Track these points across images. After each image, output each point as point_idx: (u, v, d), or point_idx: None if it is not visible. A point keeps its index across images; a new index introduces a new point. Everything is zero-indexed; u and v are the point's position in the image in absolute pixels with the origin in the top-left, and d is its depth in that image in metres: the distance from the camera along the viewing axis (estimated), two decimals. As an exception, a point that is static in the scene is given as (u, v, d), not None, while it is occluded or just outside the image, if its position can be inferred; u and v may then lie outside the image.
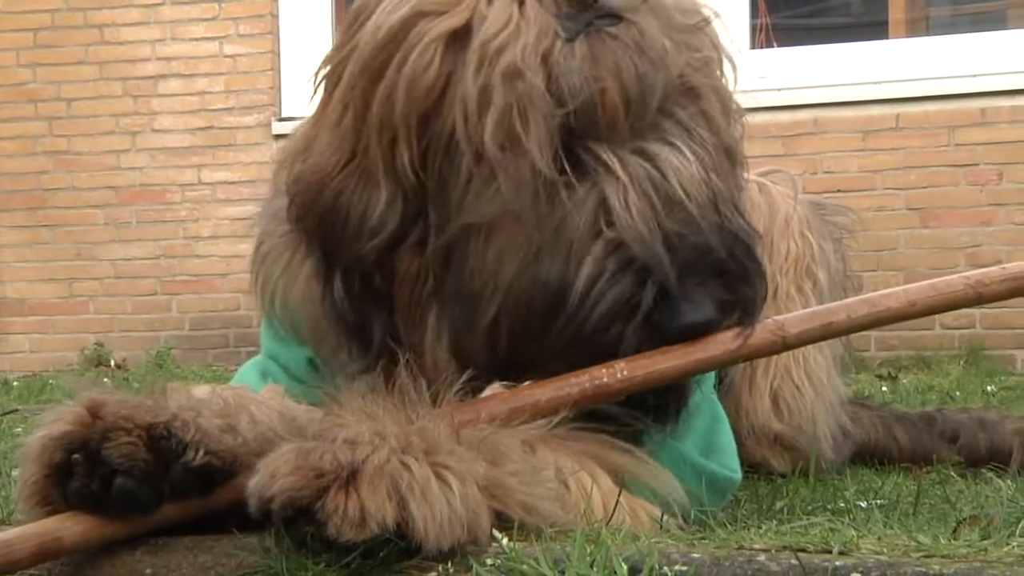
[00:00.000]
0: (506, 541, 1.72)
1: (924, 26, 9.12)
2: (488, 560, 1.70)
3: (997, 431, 3.66)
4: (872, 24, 9.12)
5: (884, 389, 5.74)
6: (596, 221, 2.06)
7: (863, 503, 2.62)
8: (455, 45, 2.11)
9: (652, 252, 2.01)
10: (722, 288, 2.08)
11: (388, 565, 1.69)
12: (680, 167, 2.08)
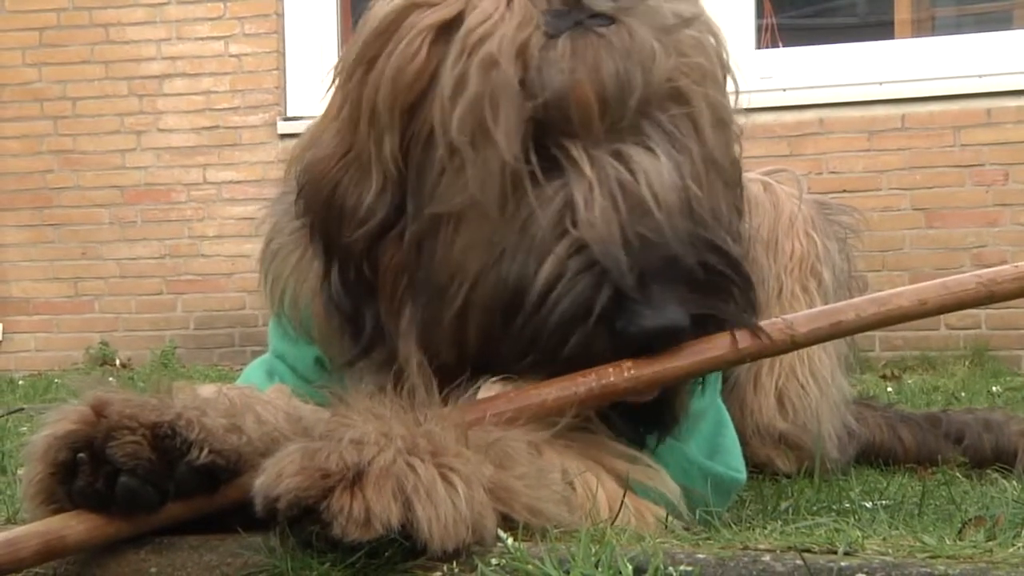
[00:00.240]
0: (511, 541, 1.72)
1: (930, 26, 9.11)
2: (493, 560, 1.70)
3: (1002, 432, 3.66)
4: (878, 24, 9.11)
5: (889, 389, 5.73)
6: (562, 220, 2.04)
7: (868, 503, 2.62)
8: (444, 36, 2.11)
9: (610, 254, 1.98)
10: (694, 298, 2.03)
11: (393, 565, 1.69)
12: (653, 171, 2.04)
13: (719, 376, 2.65)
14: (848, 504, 2.63)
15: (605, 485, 2.04)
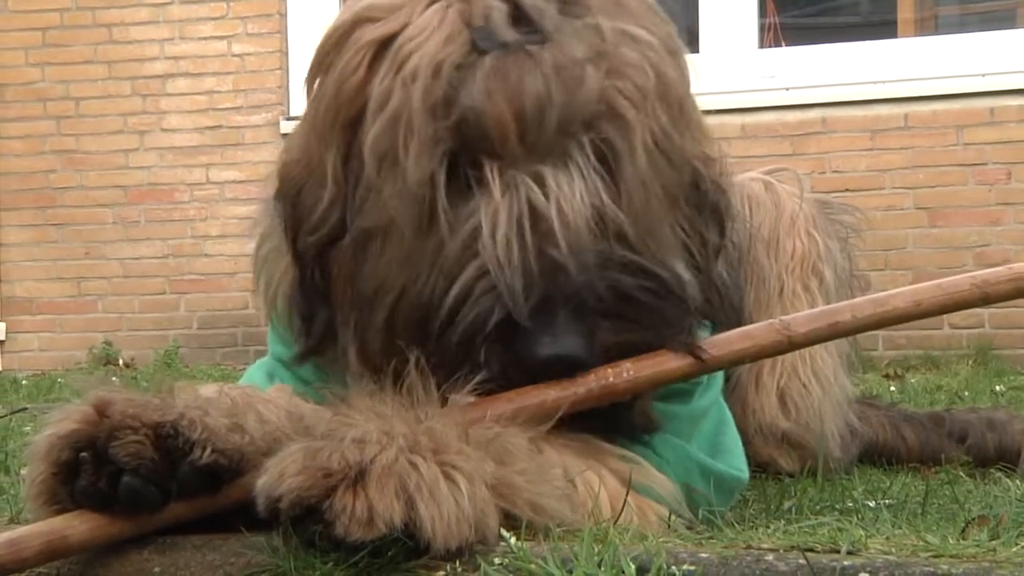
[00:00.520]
0: (514, 540, 1.72)
1: (933, 25, 9.12)
2: (496, 559, 1.70)
3: (1006, 431, 3.66)
4: (881, 23, 9.13)
5: (892, 389, 5.74)
6: (472, 243, 2.01)
7: (871, 503, 2.62)
8: (382, 52, 2.10)
9: (506, 279, 1.95)
10: (609, 326, 2.00)
11: (396, 564, 1.69)
12: (566, 193, 2.00)
13: (721, 376, 2.64)
14: (851, 503, 2.62)
15: (607, 483, 2.05)
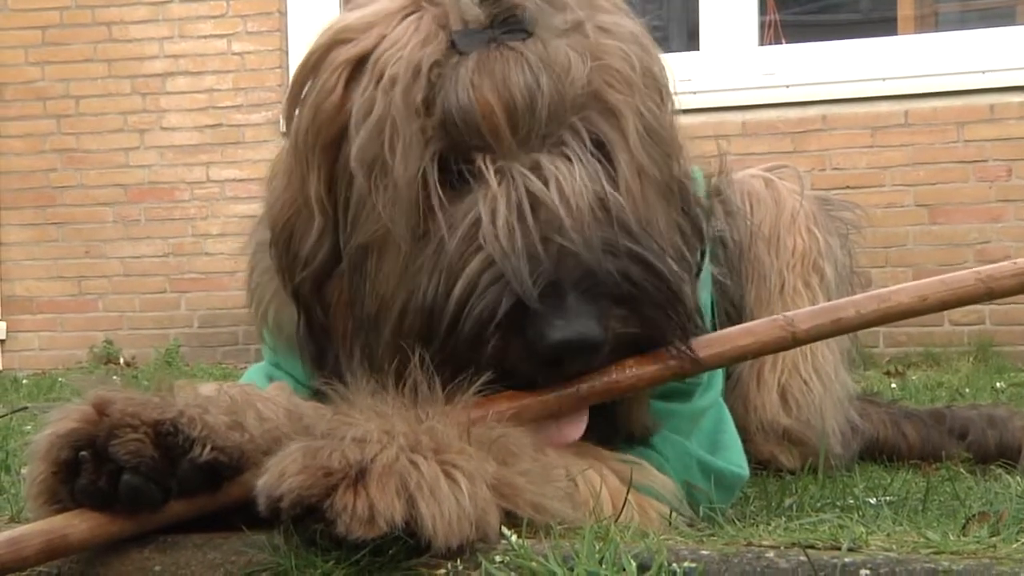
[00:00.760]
0: (515, 538, 1.72)
1: (933, 22, 9.12)
2: (497, 557, 1.70)
3: (1006, 428, 3.66)
4: (881, 20, 9.13)
5: (893, 386, 5.73)
6: (474, 237, 2.00)
7: (872, 500, 2.62)
8: (359, 69, 2.10)
9: (512, 266, 1.93)
10: (620, 312, 1.99)
11: (397, 563, 1.69)
12: (566, 178, 2.00)
13: (721, 377, 2.65)
14: (852, 500, 2.62)
15: (608, 482, 2.05)
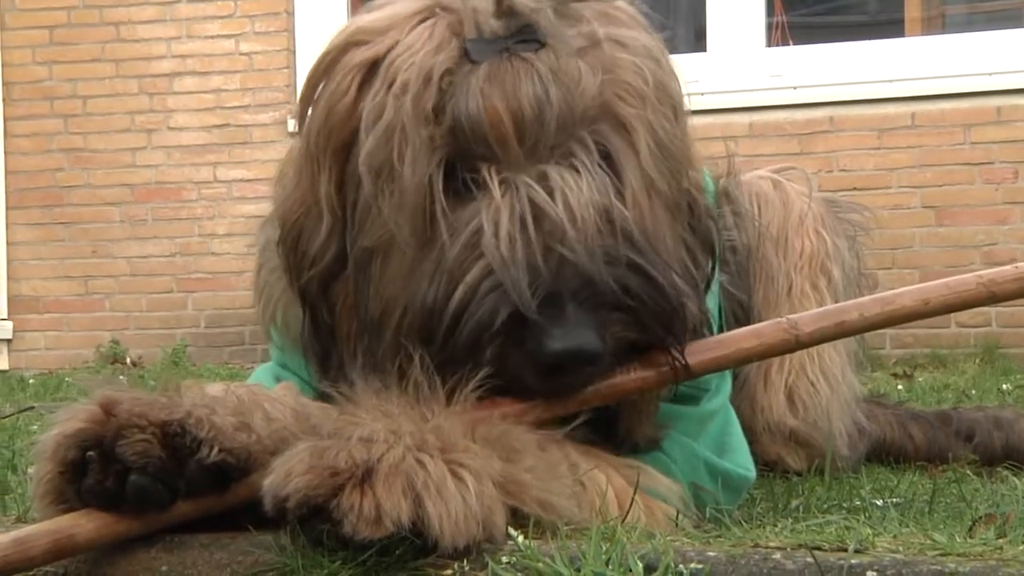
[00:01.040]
0: (522, 539, 1.72)
1: (940, 24, 9.10)
2: (504, 558, 1.70)
3: (1013, 429, 3.66)
4: (888, 22, 9.11)
5: (899, 387, 5.73)
6: (476, 245, 1.99)
7: (879, 501, 2.62)
8: (372, 73, 2.10)
9: (511, 276, 1.92)
10: (619, 321, 1.98)
11: (404, 563, 1.69)
12: (572, 189, 1.99)
13: (729, 381, 2.65)
14: (858, 502, 2.62)
15: (614, 482, 2.05)
